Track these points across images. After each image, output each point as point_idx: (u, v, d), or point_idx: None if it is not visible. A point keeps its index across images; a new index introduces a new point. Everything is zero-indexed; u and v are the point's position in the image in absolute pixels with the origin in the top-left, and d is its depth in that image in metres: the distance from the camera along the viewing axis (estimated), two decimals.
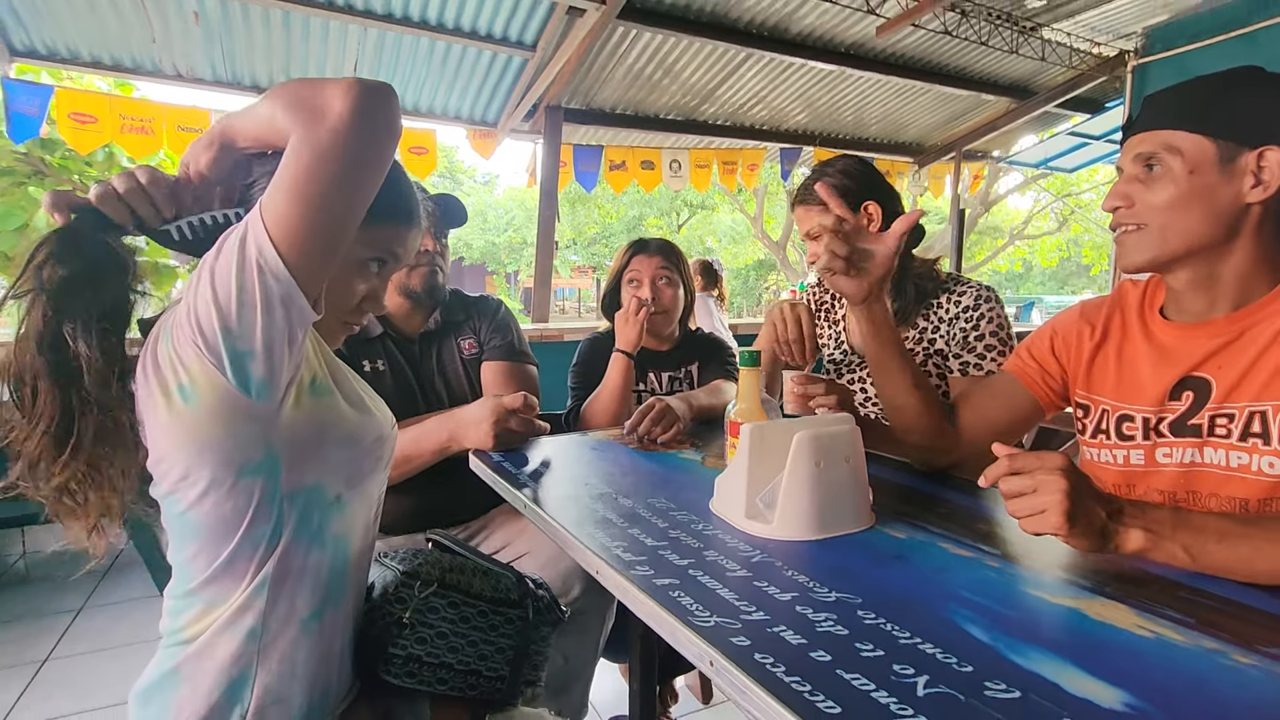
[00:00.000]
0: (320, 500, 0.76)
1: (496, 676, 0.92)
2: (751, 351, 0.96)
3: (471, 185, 19.22)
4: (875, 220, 1.33)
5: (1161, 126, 0.84)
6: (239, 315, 0.66)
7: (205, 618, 0.73)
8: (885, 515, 0.89)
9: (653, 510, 0.91)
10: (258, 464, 0.71)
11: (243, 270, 0.65)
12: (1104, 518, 0.69)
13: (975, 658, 0.56)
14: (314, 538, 0.75)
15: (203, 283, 0.66)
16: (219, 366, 0.66)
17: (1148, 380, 0.91)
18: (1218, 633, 0.59)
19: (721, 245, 16.88)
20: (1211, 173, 0.81)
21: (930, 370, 1.31)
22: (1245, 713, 0.49)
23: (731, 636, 0.59)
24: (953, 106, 5.04)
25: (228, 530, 0.71)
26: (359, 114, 0.66)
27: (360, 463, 0.80)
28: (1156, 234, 0.85)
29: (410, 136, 3.90)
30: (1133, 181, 0.87)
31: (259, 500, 0.71)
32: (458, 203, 1.48)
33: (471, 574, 0.94)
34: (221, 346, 0.66)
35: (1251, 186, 0.81)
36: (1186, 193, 0.82)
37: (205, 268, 0.67)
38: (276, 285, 0.66)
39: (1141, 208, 0.86)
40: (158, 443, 0.70)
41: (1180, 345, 0.89)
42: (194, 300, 0.66)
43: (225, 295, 0.65)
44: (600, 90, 4.18)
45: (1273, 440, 0.80)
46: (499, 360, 1.51)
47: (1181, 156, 0.82)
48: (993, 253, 14.03)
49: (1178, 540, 0.67)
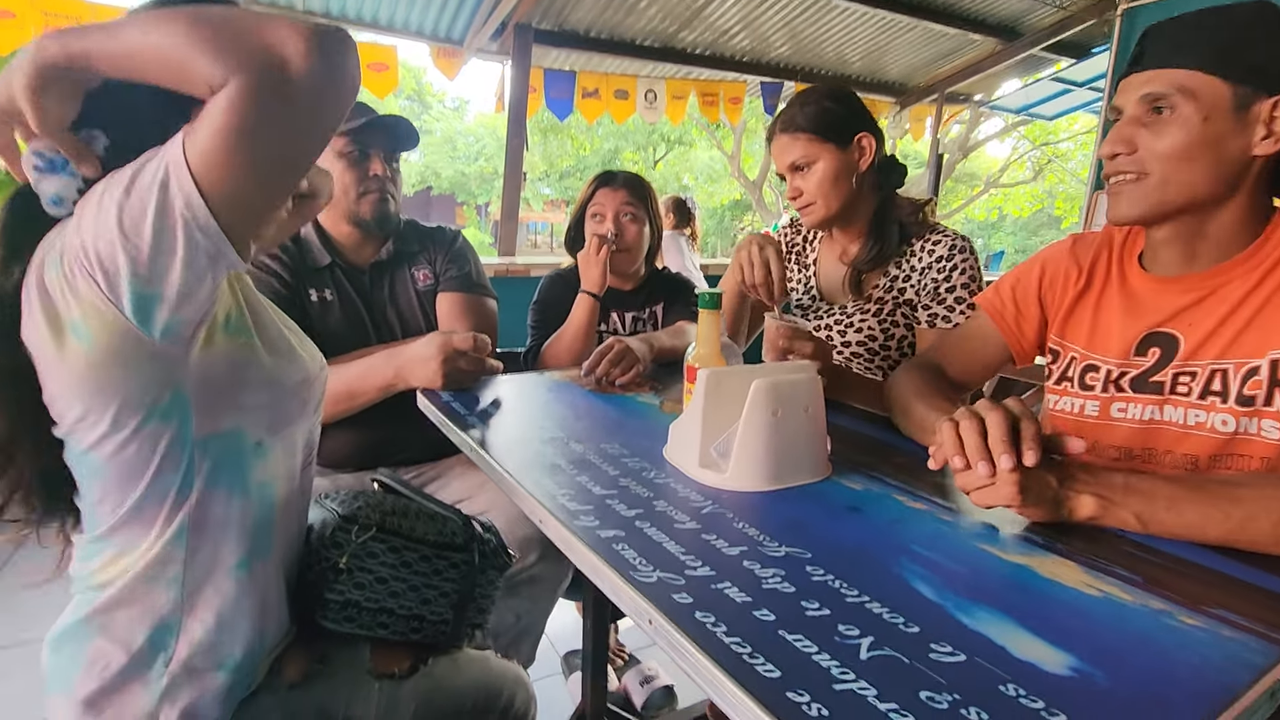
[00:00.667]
0: (239, 446, 0.70)
1: (440, 620, 0.89)
2: (712, 293, 0.91)
3: (441, 110, 18.36)
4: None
5: (1175, 65, 0.77)
6: (151, 261, 0.58)
7: (116, 563, 0.68)
8: (842, 466, 0.87)
9: (604, 457, 0.88)
10: (165, 407, 0.65)
11: (162, 216, 0.57)
12: (1055, 486, 0.67)
13: (922, 617, 0.54)
14: (234, 485, 0.70)
15: (105, 216, 0.58)
16: (117, 304, 0.59)
17: (1116, 331, 0.89)
18: (1165, 592, 0.59)
19: (698, 183, 16.55)
20: (1225, 120, 0.75)
21: (898, 320, 1.28)
22: (1189, 675, 0.48)
23: (674, 593, 0.56)
24: (939, 45, 4.88)
25: (133, 475, 0.65)
26: (324, 68, 0.57)
27: (283, 407, 0.74)
28: (1157, 184, 0.79)
29: (370, 51, 3.64)
30: (1136, 125, 0.79)
31: (167, 446, 0.65)
32: (408, 124, 1.38)
33: (415, 517, 0.91)
34: (125, 287, 0.59)
35: (1262, 138, 0.75)
36: (1198, 141, 0.76)
37: (109, 202, 0.58)
38: (204, 240, 0.58)
39: (1145, 154, 0.79)
40: (49, 380, 0.64)
41: (1152, 298, 0.87)
42: (92, 235, 0.58)
43: (136, 238, 0.57)
44: (574, 9, 3.93)
45: (1230, 398, 0.79)
46: (455, 292, 1.45)
47: (1195, 100, 0.75)
48: (967, 200, 14.02)
49: (1128, 506, 0.66)
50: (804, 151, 1.24)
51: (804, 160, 1.25)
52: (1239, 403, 0.78)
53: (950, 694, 0.45)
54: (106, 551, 0.68)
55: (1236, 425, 0.78)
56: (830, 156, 1.24)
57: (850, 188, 1.26)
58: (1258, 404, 0.77)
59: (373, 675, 0.82)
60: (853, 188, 1.26)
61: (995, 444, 0.65)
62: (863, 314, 1.30)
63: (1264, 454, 0.78)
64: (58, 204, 0.64)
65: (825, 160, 1.24)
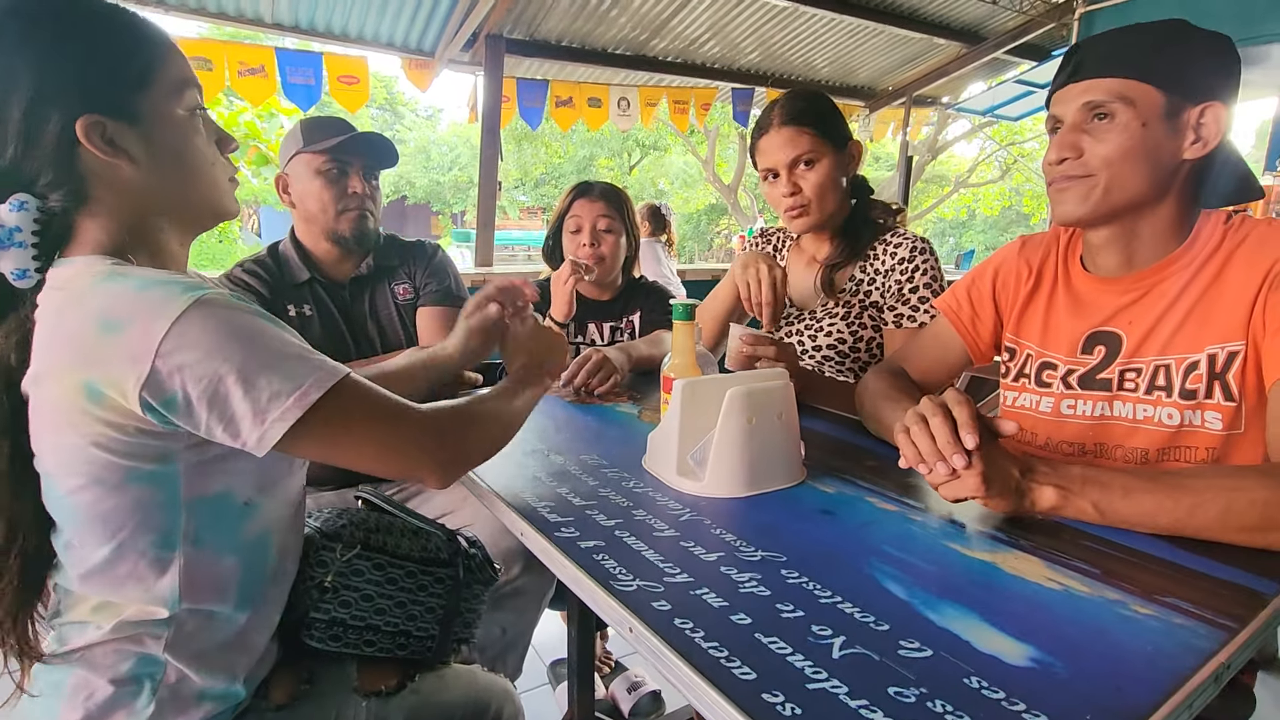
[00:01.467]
0: (227, 507, 0.70)
1: (426, 636, 0.90)
2: (686, 304, 0.93)
3: (413, 120, 18.24)
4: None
5: (1112, 74, 0.81)
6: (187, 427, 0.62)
7: (98, 613, 0.67)
8: (816, 470, 0.89)
9: (584, 467, 0.89)
10: (151, 473, 0.64)
11: (221, 426, 0.62)
12: (1018, 477, 0.70)
13: (892, 615, 0.56)
14: (223, 544, 0.70)
15: (218, 399, 0.61)
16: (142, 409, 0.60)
17: (1064, 329, 0.93)
18: (1120, 583, 0.62)
19: (673, 188, 16.62)
20: (1160, 126, 0.80)
21: (865, 323, 1.31)
22: (1142, 663, 0.51)
23: (653, 601, 0.58)
24: (905, 50, 4.98)
25: (107, 529, 0.65)
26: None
27: (271, 469, 0.73)
28: (1102, 187, 0.83)
29: (340, 64, 3.62)
30: (1079, 131, 0.84)
31: (150, 507, 0.65)
32: (387, 141, 1.40)
33: (399, 534, 0.91)
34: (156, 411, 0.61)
35: (1191, 143, 0.80)
36: (1139, 145, 0.80)
37: (225, 385, 0.60)
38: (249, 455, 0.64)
39: (1091, 159, 0.83)
40: (35, 416, 0.64)
41: (1094, 298, 0.91)
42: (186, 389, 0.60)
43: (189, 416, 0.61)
44: (545, 20, 3.95)
45: (1174, 392, 0.83)
46: (435, 305, 1.46)
47: (1134, 107, 0.80)
48: (937, 200, 14.26)
49: (1087, 497, 0.69)
50: (811, 146, 1.23)
51: (811, 155, 1.24)
52: (1182, 396, 0.82)
53: (917, 688, 0.48)
54: (87, 602, 0.67)
55: (1181, 418, 0.82)
56: (832, 157, 1.25)
57: (842, 192, 1.29)
58: (1199, 397, 0.81)
59: (360, 693, 0.82)
60: (843, 193, 1.30)
61: (944, 447, 0.68)
62: (831, 318, 1.33)
63: (1209, 444, 0.82)
64: (22, 276, 0.64)
65: (828, 160, 1.25)
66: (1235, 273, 0.80)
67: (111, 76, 0.66)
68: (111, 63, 0.66)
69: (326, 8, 3.50)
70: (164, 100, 0.69)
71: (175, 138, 0.70)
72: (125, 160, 0.67)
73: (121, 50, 0.67)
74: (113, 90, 0.66)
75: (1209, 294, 0.81)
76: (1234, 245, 0.81)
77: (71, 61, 0.64)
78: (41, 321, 0.64)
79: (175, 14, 3.30)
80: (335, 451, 0.67)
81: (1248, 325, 0.79)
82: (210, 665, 0.70)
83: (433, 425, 0.72)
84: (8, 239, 0.63)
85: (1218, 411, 0.81)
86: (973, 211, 16.50)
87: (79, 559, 0.67)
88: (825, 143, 1.24)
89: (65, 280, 0.65)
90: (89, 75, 0.65)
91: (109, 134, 0.66)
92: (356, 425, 0.66)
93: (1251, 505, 0.65)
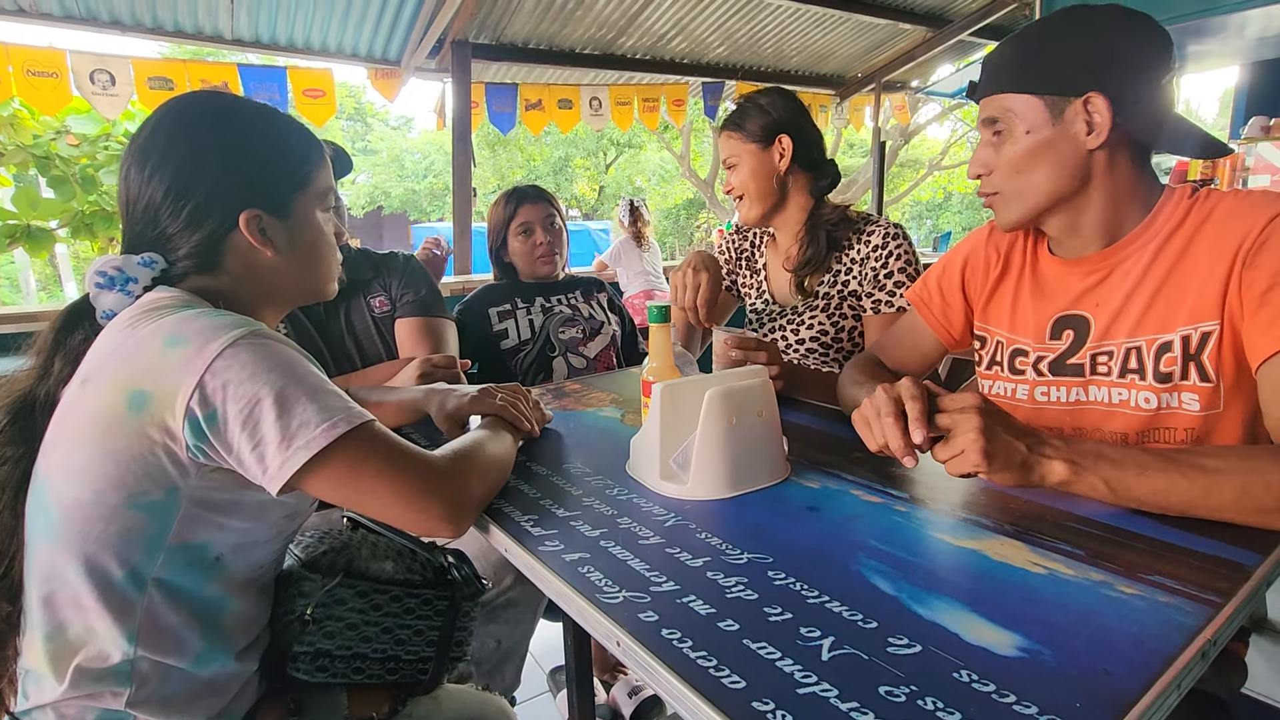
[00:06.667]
0: (200, 559, 0.69)
1: (417, 659, 0.88)
2: (660, 306, 0.92)
3: (384, 130, 18.06)
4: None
5: (997, 90, 0.85)
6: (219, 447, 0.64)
7: (55, 662, 0.66)
8: (801, 465, 0.89)
9: (567, 477, 0.88)
10: (153, 504, 0.64)
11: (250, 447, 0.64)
12: (1024, 450, 0.67)
13: (880, 612, 0.56)
14: (186, 593, 0.69)
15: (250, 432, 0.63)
16: (184, 420, 0.63)
17: (1031, 314, 0.93)
18: (1105, 563, 0.62)
19: (650, 185, 16.60)
20: (1046, 128, 0.82)
21: (846, 313, 1.31)
22: (1128, 643, 0.51)
23: (640, 612, 0.57)
24: (871, 36, 4.99)
25: (85, 549, 0.63)
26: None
27: (255, 533, 0.73)
28: (1014, 196, 0.86)
29: (304, 78, 3.57)
30: (986, 147, 0.88)
31: (136, 539, 0.64)
32: (340, 150, 1.38)
33: (383, 556, 0.90)
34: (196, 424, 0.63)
35: (1087, 134, 0.80)
36: (1028, 152, 0.83)
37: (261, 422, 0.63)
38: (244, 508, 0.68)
39: (995, 175, 0.87)
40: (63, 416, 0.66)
41: (1059, 281, 0.91)
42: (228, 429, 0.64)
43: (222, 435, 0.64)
44: (510, 23, 3.91)
45: (1148, 375, 0.82)
46: (412, 317, 1.45)
47: (1017, 117, 0.83)
48: (913, 184, 14.34)
49: (1099, 473, 0.67)
50: (729, 150, 1.34)
51: (731, 159, 1.34)
52: (1157, 379, 0.82)
53: (908, 686, 0.47)
54: (38, 633, 0.66)
55: (1158, 401, 0.82)
56: (751, 155, 1.31)
57: (772, 186, 1.32)
58: (1175, 379, 0.81)
59: None
60: (774, 187, 1.32)
61: (896, 451, 0.69)
62: (812, 312, 1.33)
63: (1187, 425, 0.81)
64: (109, 317, 0.71)
65: (746, 158, 1.32)
66: (1203, 249, 0.79)
67: (281, 179, 0.75)
68: (284, 167, 0.76)
69: (288, 21, 3.45)
70: (313, 202, 0.79)
71: (314, 234, 0.79)
72: (270, 249, 0.75)
73: (294, 156, 0.77)
74: (279, 191, 0.75)
75: (1176, 272, 0.81)
76: (1200, 220, 0.80)
77: (254, 161, 0.74)
78: (110, 330, 0.68)
79: (133, 34, 3.24)
80: (351, 492, 0.67)
81: (1221, 305, 0.77)
82: (181, 711, 0.69)
83: (453, 473, 0.73)
84: (120, 284, 0.69)
85: (1194, 393, 0.80)
86: (949, 193, 16.63)
87: (45, 577, 0.65)
88: (745, 142, 1.32)
89: (151, 301, 0.69)
90: (265, 176, 0.74)
91: (263, 225, 0.74)
92: (376, 468, 0.67)
93: (1268, 489, 0.64)
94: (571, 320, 1.73)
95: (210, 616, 0.71)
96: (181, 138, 0.72)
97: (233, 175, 0.72)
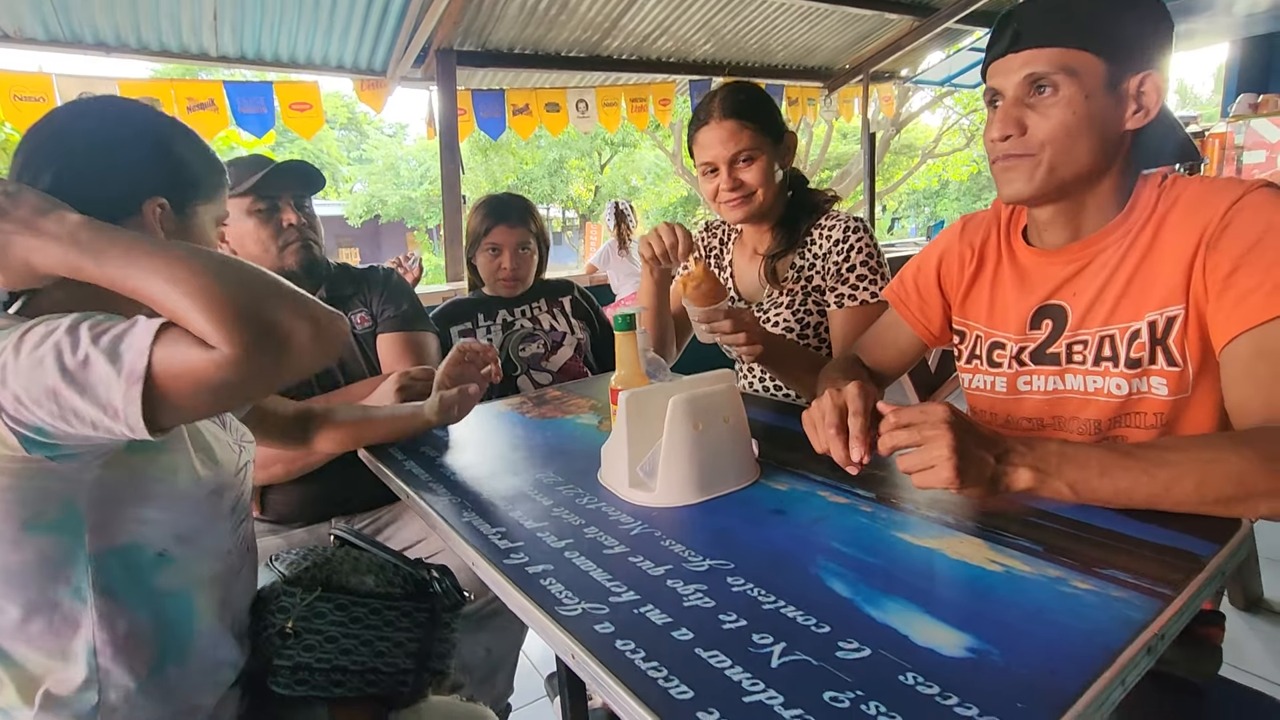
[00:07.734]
0: (137, 560, 0.69)
1: (397, 671, 0.89)
2: (626, 315, 0.92)
3: (379, 138, 18.12)
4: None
5: (1054, 43, 0.77)
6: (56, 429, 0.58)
7: (22, 692, 0.66)
8: (770, 467, 0.89)
9: (540, 487, 0.89)
10: (53, 522, 0.63)
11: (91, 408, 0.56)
12: (993, 464, 0.67)
13: (833, 616, 0.56)
14: (136, 600, 0.69)
15: (40, 374, 0.56)
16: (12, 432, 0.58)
17: (1012, 307, 0.93)
18: (1061, 559, 0.62)
19: (645, 183, 16.59)
20: (1103, 97, 0.77)
21: (810, 308, 1.32)
22: (1078, 641, 0.51)
23: (596, 624, 0.58)
24: (858, 27, 4.98)
25: (12, 586, 0.64)
26: (319, 359, 0.64)
27: (189, 519, 0.73)
28: (1047, 164, 0.80)
29: (291, 91, 3.59)
30: (1021, 106, 0.80)
31: (56, 561, 0.64)
32: (308, 165, 1.37)
33: (365, 570, 0.91)
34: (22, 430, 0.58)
35: (1133, 112, 0.79)
36: (1084, 118, 0.77)
37: (50, 363, 0.56)
38: (129, 432, 0.58)
39: (1034, 136, 0.79)
40: None
41: (1038, 271, 0.91)
42: (25, 383, 0.57)
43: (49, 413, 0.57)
44: (494, 29, 3.92)
45: (1120, 362, 0.83)
46: (395, 332, 1.44)
47: (1078, 78, 0.77)
48: (907, 172, 14.29)
49: (1063, 477, 0.67)
50: (751, 142, 1.23)
51: (751, 151, 1.24)
52: (1128, 366, 0.82)
53: (853, 691, 0.48)
54: (14, 683, 0.66)
55: (1130, 387, 0.82)
56: (770, 150, 1.26)
57: (779, 184, 1.30)
58: (1144, 365, 0.81)
59: None
60: (780, 184, 1.30)
61: (840, 462, 0.72)
62: (777, 308, 1.34)
63: (1157, 409, 0.82)
64: None
65: (767, 154, 1.25)
66: (1169, 236, 0.79)
67: (192, 183, 0.79)
68: (200, 172, 0.80)
69: (272, 36, 3.46)
70: (211, 216, 0.83)
71: (201, 240, 0.81)
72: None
73: (211, 168, 0.82)
74: (187, 191, 0.78)
75: (1147, 261, 0.81)
76: (1167, 208, 0.80)
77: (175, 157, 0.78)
78: None
79: (118, 55, 3.25)
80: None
81: (1186, 289, 0.77)
82: None
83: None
84: None
85: (1163, 377, 0.80)
86: (944, 180, 16.57)
87: None
88: (764, 138, 1.25)
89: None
90: (180, 173, 0.78)
91: (161, 217, 0.75)
92: None
93: (1227, 478, 0.64)
94: (531, 335, 1.71)
95: (177, 616, 0.72)
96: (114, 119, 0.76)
97: (156, 161, 0.76)
